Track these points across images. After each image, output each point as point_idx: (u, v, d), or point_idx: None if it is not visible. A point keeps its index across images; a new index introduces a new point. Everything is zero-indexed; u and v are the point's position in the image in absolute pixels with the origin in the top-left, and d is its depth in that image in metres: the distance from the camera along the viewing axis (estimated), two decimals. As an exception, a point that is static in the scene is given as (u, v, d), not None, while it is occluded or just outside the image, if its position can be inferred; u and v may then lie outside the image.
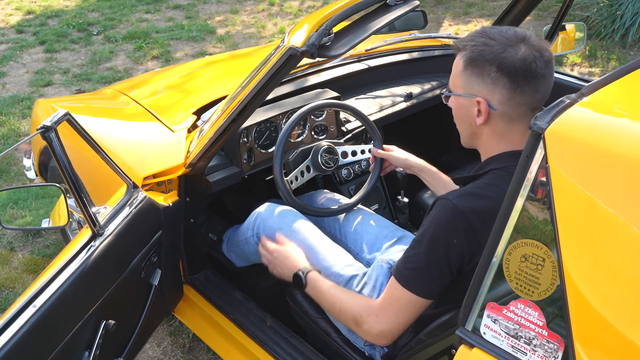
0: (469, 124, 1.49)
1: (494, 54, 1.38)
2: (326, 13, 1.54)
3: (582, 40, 2.59)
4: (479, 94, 1.42)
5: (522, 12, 2.28)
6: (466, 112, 1.47)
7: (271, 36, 5.90)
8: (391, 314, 1.48)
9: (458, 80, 1.46)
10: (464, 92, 1.45)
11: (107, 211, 1.73)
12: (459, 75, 1.45)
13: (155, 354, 2.49)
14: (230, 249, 2.22)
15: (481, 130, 1.47)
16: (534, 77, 1.38)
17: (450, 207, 1.40)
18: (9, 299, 2.77)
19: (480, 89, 1.41)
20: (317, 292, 1.68)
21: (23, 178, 3.58)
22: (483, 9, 6.14)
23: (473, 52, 1.41)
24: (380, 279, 1.79)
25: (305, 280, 1.69)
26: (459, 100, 1.48)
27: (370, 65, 2.69)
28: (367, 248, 2.00)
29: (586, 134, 1.08)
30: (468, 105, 1.46)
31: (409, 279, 1.44)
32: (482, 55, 1.39)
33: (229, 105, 1.80)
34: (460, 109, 1.49)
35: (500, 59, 1.37)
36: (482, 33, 1.43)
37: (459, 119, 1.52)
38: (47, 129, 1.41)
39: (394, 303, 1.48)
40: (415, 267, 1.44)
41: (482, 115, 1.43)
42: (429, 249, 1.42)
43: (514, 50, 1.37)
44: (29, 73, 5.16)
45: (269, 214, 2.01)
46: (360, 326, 1.54)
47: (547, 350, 1.11)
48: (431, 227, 1.43)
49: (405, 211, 2.36)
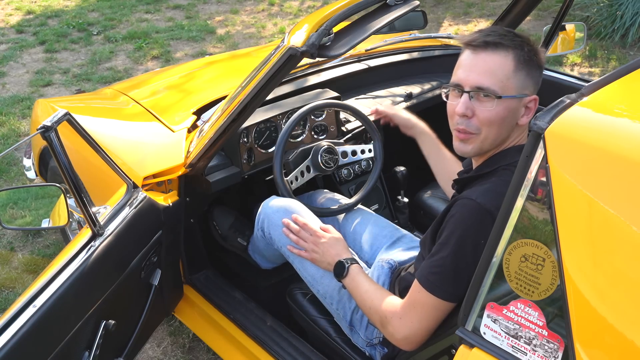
0: (511, 126, 1.44)
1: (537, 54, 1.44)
2: (326, 13, 1.54)
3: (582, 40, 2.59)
4: (530, 93, 1.44)
5: (522, 12, 2.28)
6: (513, 114, 1.42)
7: (271, 36, 5.90)
8: (415, 318, 1.44)
9: (510, 81, 1.39)
10: (518, 93, 1.41)
11: (107, 211, 1.73)
12: (512, 76, 1.39)
13: (155, 354, 2.49)
14: (253, 250, 2.20)
15: (519, 130, 1.47)
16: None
17: (475, 206, 1.36)
18: (9, 299, 2.76)
19: (531, 88, 1.45)
20: (354, 285, 1.65)
21: (23, 178, 3.58)
22: (483, 9, 6.14)
23: (528, 53, 1.42)
24: (382, 278, 1.79)
25: (347, 270, 1.67)
26: (509, 102, 1.40)
27: (370, 65, 2.69)
28: (366, 248, 2.00)
29: (586, 134, 1.08)
30: (517, 107, 1.43)
31: (434, 284, 1.40)
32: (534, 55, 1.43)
33: (229, 105, 1.80)
34: (507, 111, 1.41)
35: (539, 60, 1.44)
36: (508, 32, 1.44)
37: (501, 124, 1.42)
38: (47, 129, 1.41)
39: (418, 307, 1.44)
40: (441, 272, 1.40)
41: (531, 112, 1.45)
42: (456, 252, 1.38)
43: (541, 51, 1.46)
44: (29, 73, 5.16)
45: (272, 209, 1.97)
46: (386, 328, 1.51)
47: (547, 350, 1.11)
48: (458, 230, 1.38)
49: (405, 211, 2.36)
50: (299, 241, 1.83)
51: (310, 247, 1.80)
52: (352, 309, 1.77)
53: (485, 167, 1.48)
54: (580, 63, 4.91)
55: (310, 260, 1.82)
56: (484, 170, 1.47)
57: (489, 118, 1.41)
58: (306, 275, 1.87)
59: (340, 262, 1.70)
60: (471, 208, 1.37)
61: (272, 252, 2.06)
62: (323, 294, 1.83)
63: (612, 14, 5.18)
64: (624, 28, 5.08)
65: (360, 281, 1.65)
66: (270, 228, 1.95)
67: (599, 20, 5.25)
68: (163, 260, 1.94)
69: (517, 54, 1.40)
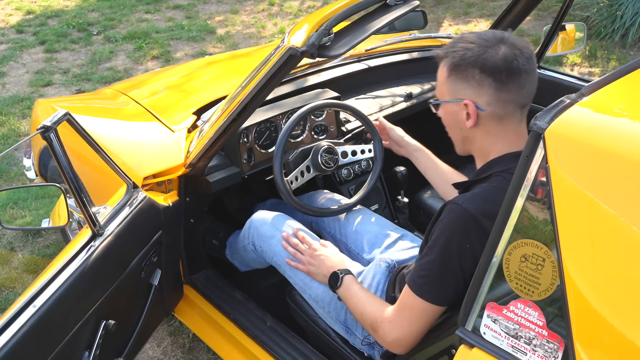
0: (459, 129, 1.50)
1: (475, 56, 1.40)
2: (326, 13, 1.54)
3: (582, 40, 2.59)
4: (466, 97, 1.44)
5: (522, 12, 2.28)
6: (455, 118, 1.49)
7: (271, 36, 5.90)
8: (404, 322, 1.47)
9: (444, 87, 1.48)
10: (451, 98, 1.47)
11: (107, 211, 1.73)
12: (444, 82, 1.48)
13: (155, 354, 2.49)
14: (232, 255, 2.24)
15: (473, 134, 1.48)
16: (517, 74, 1.40)
17: (461, 211, 1.39)
18: (9, 299, 2.76)
19: (467, 92, 1.43)
20: (348, 294, 1.69)
21: (23, 178, 3.58)
22: (483, 9, 6.14)
23: (455, 57, 1.43)
24: (377, 277, 1.80)
25: (341, 281, 1.71)
26: (447, 107, 1.50)
27: (370, 65, 2.69)
28: (367, 248, 2.00)
29: (586, 134, 1.08)
30: (457, 111, 1.47)
31: (422, 287, 1.43)
32: (464, 59, 1.41)
33: (229, 105, 1.80)
34: (449, 115, 1.51)
35: (482, 61, 1.39)
36: (460, 39, 1.46)
37: (449, 126, 1.54)
38: (47, 129, 1.41)
39: (407, 311, 1.47)
40: (428, 275, 1.42)
41: (472, 117, 1.44)
42: (442, 256, 1.40)
43: (494, 51, 1.39)
44: (29, 73, 5.16)
45: (261, 223, 2.02)
46: (377, 331, 1.54)
47: (547, 350, 1.11)
48: (443, 234, 1.41)
49: (405, 211, 2.36)
50: (296, 254, 1.88)
51: (307, 259, 1.84)
52: (345, 310, 1.78)
53: (481, 172, 1.50)
54: (580, 63, 4.91)
55: (306, 273, 1.85)
56: (480, 176, 1.49)
57: (443, 120, 1.55)
58: (297, 281, 1.91)
59: (335, 273, 1.74)
60: (456, 213, 1.40)
61: (258, 261, 2.10)
62: (315, 298, 1.86)
63: (612, 14, 5.17)
64: (624, 28, 5.08)
65: (354, 290, 1.68)
66: (261, 241, 2.00)
67: (599, 20, 5.25)
68: (163, 260, 1.94)
69: (447, 61, 1.45)
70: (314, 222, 2.19)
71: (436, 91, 1.54)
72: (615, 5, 5.18)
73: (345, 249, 2.06)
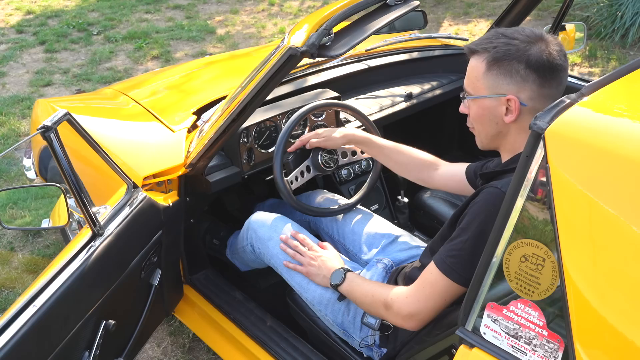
0: (495, 124, 1.48)
1: (521, 51, 1.41)
2: (326, 13, 1.54)
3: (582, 40, 2.59)
4: (508, 92, 1.43)
5: (522, 12, 2.27)
6: (493, 113, 1.47)
7: (271, 36, 5.90)
8: (422, 297, 1.49)
9: (480, 82, 1.46)
10: (490, 93, 1.45)
11: (107, 211, 1.73)
12: (482, 77, 1.45)
13: (155, 354, 2.49)
14: (233, 255, 2.24)
15: (508, 129, 1.48)
16: (558, 70, 1.42)
17: (501, 195, 1.37)
18: (9, 299, 2.76)
19: (510, 87, 1.43)
20: (352, 287, 1.70)
21: (23, 178, 3.58)
22: (483, 9, 6.14)
23: (497, 52, 1.42)
24: (375, 278, 1.80)
25: (344, 277, 1.72)
26: (483, 102, 1.47)
27: (370, 65, 2.69)
28: (365, 248, 2.00)
29: (586, 134, 1.08)
30: (495, 106, 1.46)
31: (451, 267, 1.45)
32: (508, 55, 1.41)
33: (229, 105, 1.80)
34: (484, 110, 1.48)
35: (528, 56, 1.40)
36: (499, 34, 1.45)
37: (482, 121, 1.51)
38: (47, 129, 1.41)
39: (428, 287, 1.48)
40: (459, 255, 1.44)
41: (514, 112, 1.44)
42: (477, 236, 1.41)
43: (537, 47, 1.41)
44: (29, 73, 5.16)
45: (259, 225, 2.02)
46: (391, 307, 1.55)
47: (547, 350, 1.11)
48: (480, 216, 1.42)
49: (405, 211, 2.36)
50: (296, 255, 1.88)
51: (307, 261, 1.84)
52: (342, 311, 1.78)
53: (511, 162, 1.50)
54: (580, 63, 4.91)
55: (305, 274, 1.85)
56: (510, 166, 1.48)
57: (472, 115, 1.52)
58: (294, 284, 1.91)
59: (337, 271, 1.75)
60: (496, 196, 1.40)
61: (257, 262, 2.10)
62: (311, 300, 1.86)
63: (612, 14, 5.17)
64: (624, 28, 5.08)
65: (358, 282, 1.69)
66: (259, 243, 2.00)
67: (599, 20, 5.24)
68: (163, 260, 1.94)
69: (487, 56, 1.44)
70: (312, 223, 2.19)
71: (467, 86, 1.50)
72: (615, 5, 5.18)
73: (343, 249, 2.06)
